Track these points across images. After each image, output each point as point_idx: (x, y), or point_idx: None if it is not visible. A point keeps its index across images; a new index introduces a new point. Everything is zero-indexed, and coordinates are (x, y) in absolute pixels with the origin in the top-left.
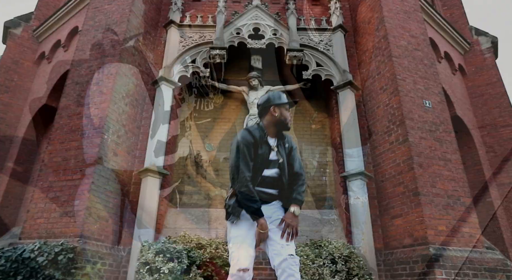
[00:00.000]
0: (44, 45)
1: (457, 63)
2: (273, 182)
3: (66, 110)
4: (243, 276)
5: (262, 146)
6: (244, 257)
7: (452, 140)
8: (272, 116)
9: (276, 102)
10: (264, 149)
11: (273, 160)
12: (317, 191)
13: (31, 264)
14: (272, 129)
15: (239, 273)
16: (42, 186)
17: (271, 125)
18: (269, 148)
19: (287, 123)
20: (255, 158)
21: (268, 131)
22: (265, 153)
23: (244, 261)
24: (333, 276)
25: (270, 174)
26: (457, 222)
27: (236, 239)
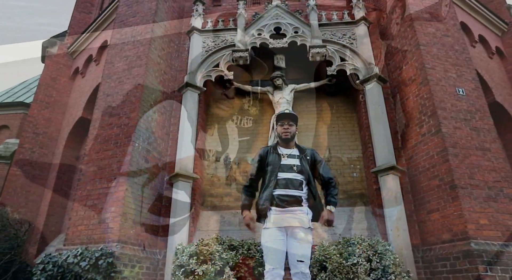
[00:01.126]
0: (77, 60)
1: (494, 46)
2: (286, 182)
3: (99, 121)
4: (273, 273)
5: (272, 154)
6: (274, 258)
7: (491, 128)
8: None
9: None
10: (274, 156)
11: (285, 165)
12: (348, 188)
13: (75, 269)
14: (283, 143)
15: (270, 270)
16: (81, 195)
17: (280, 140)
18: (279, 155)
19: (281, 137)
20: (268, 164)
21: (280, 145)
22: (275, 160)
23: (274, 261)
24: (368, 274)
25: (285, 176)
26: (501, 215)
27: (267, 244)
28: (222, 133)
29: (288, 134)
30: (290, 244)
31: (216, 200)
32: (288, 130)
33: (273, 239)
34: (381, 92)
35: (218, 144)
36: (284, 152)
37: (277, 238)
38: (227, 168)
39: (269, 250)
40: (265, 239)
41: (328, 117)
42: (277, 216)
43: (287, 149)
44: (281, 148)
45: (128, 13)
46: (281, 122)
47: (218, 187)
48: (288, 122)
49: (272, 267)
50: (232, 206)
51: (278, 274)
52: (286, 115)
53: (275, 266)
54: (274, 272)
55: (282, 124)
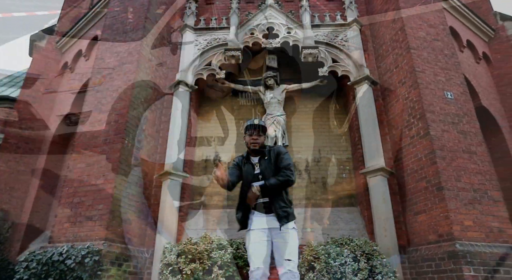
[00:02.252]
0: (66, 55)
1: (481, 51)
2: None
3: (88, 117)
4: (255, 274)
5: (245, 165)
6: (258, 259)
7: (477, 132)
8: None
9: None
10: (247, 167)
11: (257, 174)
12: (337, 188)
13: (60, 267)
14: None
15: (253, 270)
16: (68, 192)
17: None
18: (252, 165)
19: (249, 147)
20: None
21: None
22: (249, 169)
23: (258, 262)
24: (356, 274)
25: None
26: (485, 216)
27: (251, 245)
28: (213, 132)
29: (257, 145)
30: (276, 245)
31: (205, 199)
32: (257, 140)
33: (257, 240)
34: (371, 94)
35: (208, 143)
36: (255, 161)
37: (261, 239)
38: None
39: (254, 251)
40: (249, 241)
41: (319, 118)
42: (259, 219)
43: (256, 157)
44: (252, 157)
45: (120, 8)
46: (249, 132)
47: (207, 186)
48: (257, 132)
49: (257, 266)
50: (221, 205)
51: (263, 273)
52: (255, 126)
53: (260, 266)
54: (259, 272)
55: (251, 134)
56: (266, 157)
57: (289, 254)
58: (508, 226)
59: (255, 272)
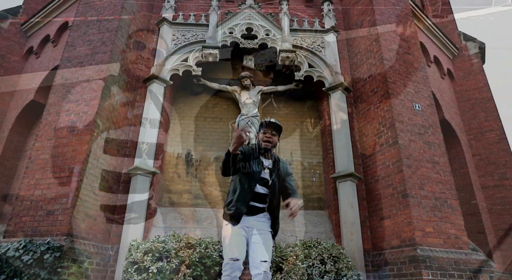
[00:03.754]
0: (32, 39)
1: (446, 68)
2: (262, 198)
3: (54, 106)
4: (233, 265)
5: (254, 161)
6: (237, 249)
7: (441, 143)
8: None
9: (260, 126)
10: (256, 165)
11: (264, 178)
12: (307, 191)
13: (15, 263)
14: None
15: (231, 262)
16: (29, 184)
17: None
18: (262, 166)
19: (260, 145)
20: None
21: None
22: (258, 167)
23: (237, 252)
24: (322, 276)
25: (261, 191)
26: (444, 224)
27: (229, 237)
28: (185, 129)
29: (269, 144)
30: (254, 246)
31: (175, 197)
32: (270, 139)
33: (236, 232)
34: (345, 101)
35: (181, 140)
36: (265, 164)
37: (240, 233)
38: (188, 165)
39: (232, 241)
40: (228, 231)
41: (292, 121)
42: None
43: (267, 160)
44: (263, 158)
45: None
46: (264, 129)
47: (178, 184)
48: (271, 131)
49: (236, 257)
50: (191, 203)
51: (239, 267)
52: (271, 124)
53: (238, 257)
54: (237, 264)
55: (265, 132)
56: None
57: (265, 255)
58: (463, 233)
59: (232, 264)
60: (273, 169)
